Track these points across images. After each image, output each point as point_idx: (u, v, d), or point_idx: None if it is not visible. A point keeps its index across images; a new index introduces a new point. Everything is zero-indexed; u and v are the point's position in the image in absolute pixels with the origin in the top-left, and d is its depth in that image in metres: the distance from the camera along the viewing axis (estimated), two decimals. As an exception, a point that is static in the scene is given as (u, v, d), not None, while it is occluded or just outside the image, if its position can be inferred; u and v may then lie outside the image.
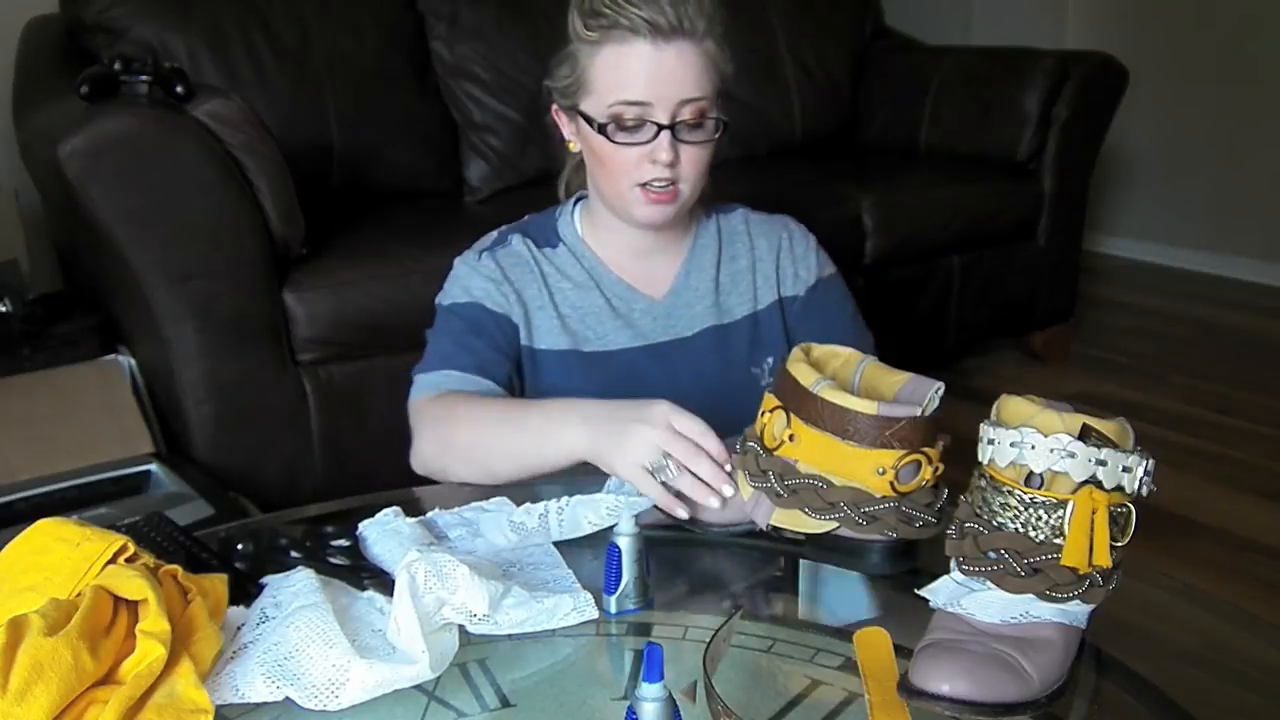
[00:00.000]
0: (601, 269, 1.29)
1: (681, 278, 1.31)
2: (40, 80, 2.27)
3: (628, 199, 1.21)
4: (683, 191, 1.21)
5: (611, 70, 1.16)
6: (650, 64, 1.15)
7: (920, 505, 0.88)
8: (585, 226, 1.31)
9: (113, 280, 2.03)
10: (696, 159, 1.19)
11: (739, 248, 1.34)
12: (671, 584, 0.94)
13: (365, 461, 1.95)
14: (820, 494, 0.88)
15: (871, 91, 3.18)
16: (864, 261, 2.55)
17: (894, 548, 0.90)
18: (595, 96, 1.18)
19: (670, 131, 1.16)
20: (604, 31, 1.15)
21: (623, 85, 1.16)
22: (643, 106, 1.16)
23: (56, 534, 0.81)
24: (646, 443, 0.98)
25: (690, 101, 1.16)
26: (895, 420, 0.85)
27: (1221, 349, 3.27)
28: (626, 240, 1.29)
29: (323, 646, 0.76)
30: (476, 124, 2.60)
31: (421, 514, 1.02)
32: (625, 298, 1.29)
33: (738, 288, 1.32)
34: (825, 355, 0.95)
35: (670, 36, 1.14)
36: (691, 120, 1.17)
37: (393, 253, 2.03)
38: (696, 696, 0.76)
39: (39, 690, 0.67)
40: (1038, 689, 0.74)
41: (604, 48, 1.16)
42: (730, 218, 1.36)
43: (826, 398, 0.86)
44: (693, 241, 1.32)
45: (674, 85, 1.15)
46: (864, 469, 0.86)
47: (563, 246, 1.30)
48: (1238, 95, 3.81)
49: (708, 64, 1.18)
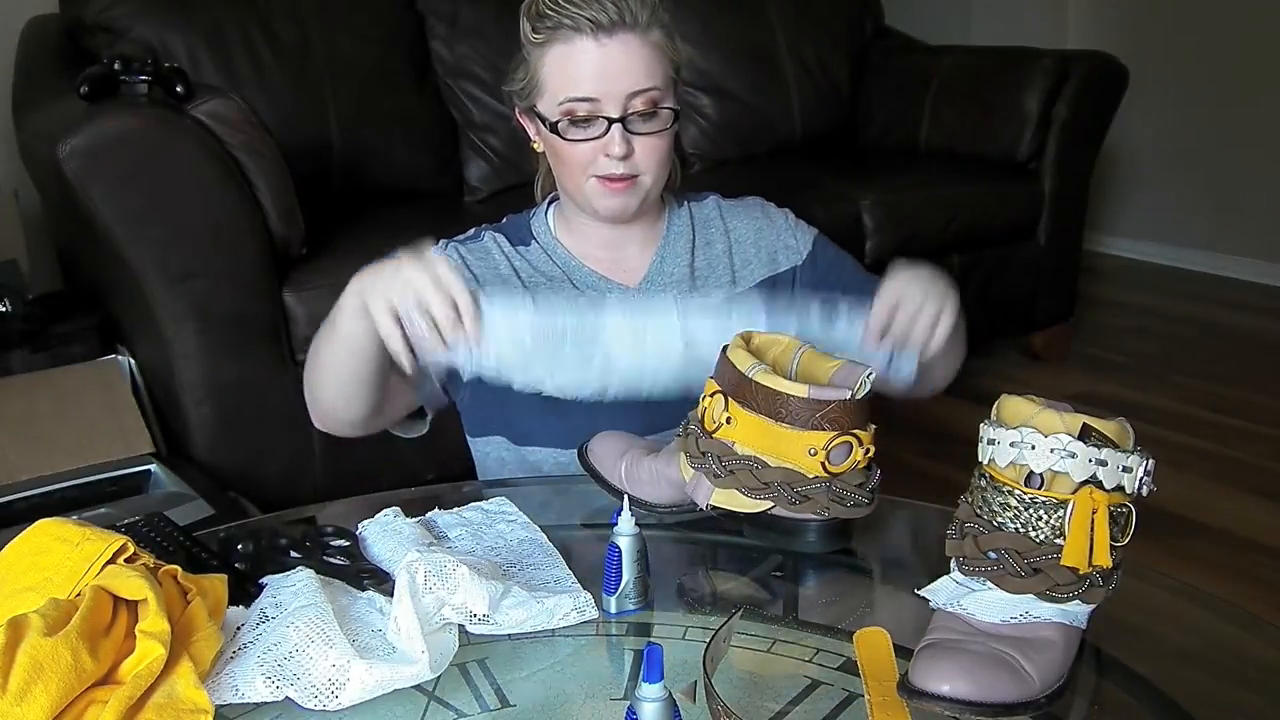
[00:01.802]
0: (574, 263, 1.30)
1: (656, 265, 1.31)
2: (40, 80, 2.27)
3: (588, 193, 1.23)
4: (644, 182, 1.22)
5: (559, 69, 1.19)
6: (595, 59, 1.17)
7: (852, 485, 0.90)
8: (558, 225, 1.33)
9: (112, 280, 2.03)
10: (653, 148, 1.21)
11: (713, 233, 1.35)
12: (671, 584, 0.94)
13: (365, 461, 1.95)
14: (755, 474, 0.90)
15: (871, 91, 3.18)
16: (864, 261, 2.53)
17: (828, 526, 0.92)
18: (548, 96, 1.21)
19: (621, 124, 1.18)
20: (549, 33, 1.18)
21: (571, 83, 1.18)
22: (592, 102, 1.18)
23: (56, 534, 0.81)
24: (403, 282, 1.03)
25: (640, 93, 1.18)
26: (825, 403, 0.87)
27: (1221, 349, 3.27)
28: (597, 234, 1.30)
29: (323, 646, 0.76)
30: (476, 124, 2.60)
31: (421, 514, 1.02)
32: (598, 287, 1.30)
33: (714, 271, 1.33)
34: (765, 343, 0.97)
35: (613, 31, 1.16)
36: (644, 110, 1.19)
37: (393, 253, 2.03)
38: (696, 696, 0.76)
39: (39, 690, 0.67)
40: (1038, 689, 0.74)
41: (551, 48, 1.19)
42: (703, 205, 1.37)
43: (760, 381, 0.88)
44: (665, 230, 1.33)
45: (621, 78, 1.17)
46: (796, 450, 0.88)
47: (535, 244, 1.32)
48: (1238, 95, 3.82)
49: (656, 54, 1.19)
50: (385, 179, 2.49)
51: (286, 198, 1.88)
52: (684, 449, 0.96)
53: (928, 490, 1.09)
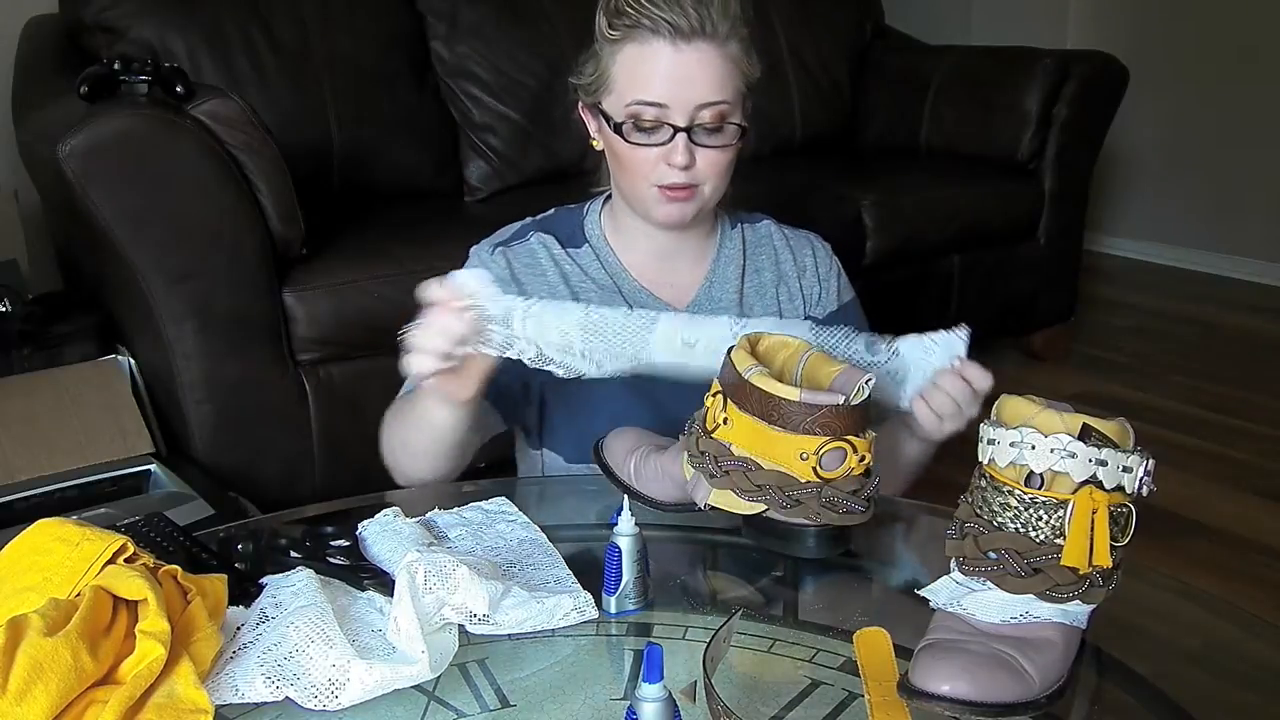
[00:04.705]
0: (624, 274, 1.28)
1: (704, 289, 1.29)
2: (40, 80, 2.27)
3: (646, 199, 1.20)
4: (703, 193, 1.20)
5: (631, 69, 1.16)
6: (669, 65, 1.14)
7: (845, 492, 0.89)
8: (609, 226, 1.30)
9: (112, 280, 2.03)
10: (715, 162, 1.18)
11: (763, 260, 1.32)
12: (671, 584, 0.94)
13: (365, 461, 1.93)
14: (749, 476, 0.90)
15: (871, 91, 3.18)
16: (864, 261, 2.55)
17: (824, 532, 0.91)
18: (615, 95, 1.18)
19: (687, 134, 1.15)
20: (626, 31, 1.15)
21: (641, 85, 1.15)
22: (660, 108, 1.15)
23: (56, 534, 0.81)
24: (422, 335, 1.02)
25: (709, 105, 1.15)
26: (818, 407, 0.87)
27: (1221, 349, 3.27)
28: (649, 241, 1.28)
29: (323, 646, 0.76)
30: (476, 124, 2.60)
31: (421, 514, 1.02)
32: (647, 304, 1.26)
33: (762, 299, 1.31)
34: (775, 345, 0.97)
35: (691, 38, 1.14)
36: (710, 124, 1.16)
37: (393, 253, 2.03)
38: (696, 696, 0.76)
39: (38, 690, 0.67)
40: (1038, 689, 0.74)
41: (625, 47, 1.16)
42: (756, 228, 1.34)
43: (755, 383, 0.88)
44: (717, 251, 1.31)
45: (692, 88, 1.15)
46: (788, 453, 0.88)
47: (587, 246, 1.29)
48: (1238, 95, 3.81)
49: (730, 67, 1.17)
50: (385, 179, 2.49)
51: (286, 198, 1.88)
52: (685, 447, 0.96)
53: (928, 490, 1.09)
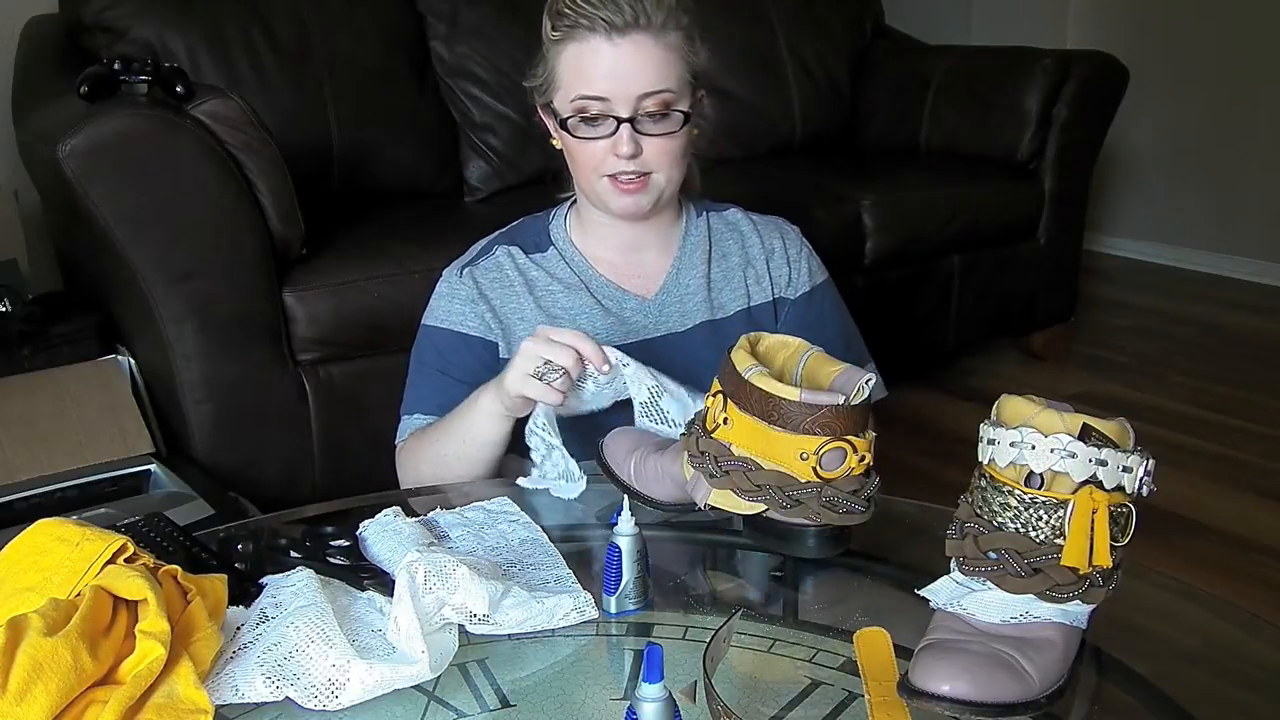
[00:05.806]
0: (590, 271, 1.30)
1: (672, 276, 1.32)
2: (40, 80, 2.27)
3: (600, 192, 1.24)
4: (657, 181, 1.24)
5: (574, 67, 1.21)
6: (607, 59, 1.19)
7: (845, 492, 0.89)
8: (575, 227, 1.33)
9: (112, 280, 2.03)
10: (664, 149, 1.22)
11: (730, 245, 1.35)
12: (671, 584, 0.94)
13: (365, 461, 1.95)
14: (749, 476, 0.90)
15: (871, 91, 3.18)
16: (864, 261, 2.55)
17: (824, 532, 0.92)
18: (562, 92, 1.23)
19: (630, 124, 1.20)
20: (566, 31, 1.20)
21: (584, 81, 1.20)
22: (602, 101, 1.20)
23: (56, 534, 0.81)
24: (527, 355, 1.09)
25: (651, 94, 1.20)
26: (817, 407, 0.87)
27: (1221, 349, 3.26)
28: (614, 236, 1.31)
29: (323, 646, 0.76)
30: (476, 124, 2.60)
31: (421, 514, 1.02)
32: (615, 298, 1.30)
33: (730, 283, 1.33)
34: (775, 345, 0.97)
35: (626, 31, 1.18)
36: (655, 112, 1.20)
37: (393, 253, 2.03)
38: (696, 696, 0.76)
39: (38, 690, 0.67)
40: (1038, 689, 0.74)
41: (567, 46, 1.21)
42: (724, 216, 1.38)
43: (755, 383, 0.89)
44: (682, 239, 1.33)
45: (632, 79, 1.19)
46: (788, 453, 0.88)
47: (553, 249, 1.32)
48: (1238, 95, 3.81)
49: (670, 56, 1.21)
50: (385, 179, 2.48)
51: (286, 198, 1.88)
52: (686, 447, 0.97)
53: (928, 490, 1.09)
